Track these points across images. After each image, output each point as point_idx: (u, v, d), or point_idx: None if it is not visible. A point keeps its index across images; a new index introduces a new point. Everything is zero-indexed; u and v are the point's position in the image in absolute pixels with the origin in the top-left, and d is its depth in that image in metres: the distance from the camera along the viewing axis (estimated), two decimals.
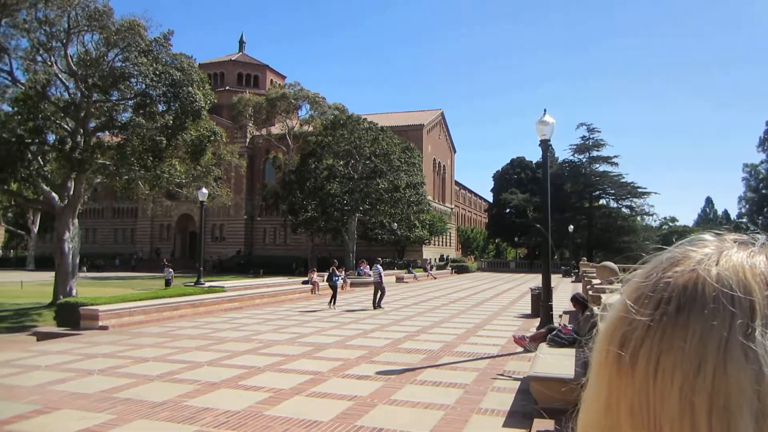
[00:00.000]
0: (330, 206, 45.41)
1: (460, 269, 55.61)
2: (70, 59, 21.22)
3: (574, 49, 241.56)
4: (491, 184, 79.25)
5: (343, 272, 32.02)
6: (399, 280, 37.97)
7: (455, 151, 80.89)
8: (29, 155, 20.37)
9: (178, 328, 14.30)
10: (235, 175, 62.10)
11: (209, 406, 6.88)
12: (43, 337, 13.67)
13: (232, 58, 76.84)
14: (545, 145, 11.63)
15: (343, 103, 57.36)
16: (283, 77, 78.40)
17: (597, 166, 65.45)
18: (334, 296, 20.03)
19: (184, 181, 24.78)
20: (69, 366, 9.43)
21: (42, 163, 21.80)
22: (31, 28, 20.40)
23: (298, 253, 61.13)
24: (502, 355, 10.50)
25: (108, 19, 20.42)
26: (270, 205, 59.68)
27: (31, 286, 33.79)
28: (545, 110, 11.59)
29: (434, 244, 65.43)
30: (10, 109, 21.72)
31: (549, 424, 5.95)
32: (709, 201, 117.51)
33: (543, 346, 8.72)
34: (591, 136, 64.62)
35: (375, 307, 19.45)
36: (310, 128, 56.54)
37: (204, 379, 8.40)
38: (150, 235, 72.35)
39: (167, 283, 26.84)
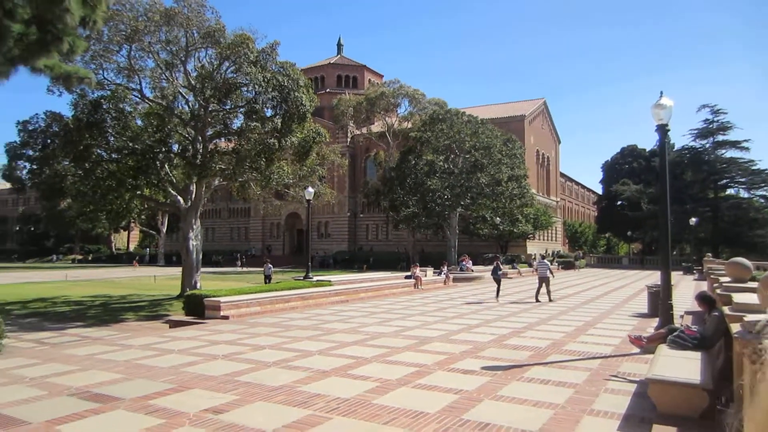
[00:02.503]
0: (431, 202, 45.51)
1: (567, 265, 53.44)
2: (188, 75, 23.12)
3: (693, 27, 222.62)
4: (600, 176, 75.47)
5: (445, 267, 32.09)
6: (502, 275, 37.21)
7: (560, 142, 77.88)
8: (158, 163, 22.42)
9: (290, 319, 15.14)
10: (338, 174, 64.06)
11: (321, 393, 7.27)
12: (174, 324, 15.08)
13: (331, 61, 79.26)
14: (663, 130, 10.93)
15: (442, 97, 57.11)
16: (381, 76, 79.72)
17: (723, 151, 59.69)
18: (498, 289, 20.80)
19: (291, 181, 26.08)
20: (197, 351, 10.35)
21: (168, 169, 23.92)
22: (156, 49, 22.46)
23: (400, 248, 61.90)
24: (615, 356, 10.06)
25: (221, 35, 21.98)
26: (372, 202, 60.91)
27: (162, 279, 37.25)
28: (662, 93, 10.91)
29: (539, 239, 63.51)
30: (140, 123, 24.02)
31: (670, 431, 5.65)
32: None
33: (663, 347, 8.22)
34: (716, 119, 58.97)
35: (548, 300, 20.16)
36: (410, 125, 56.97)
37: (315, 367, 8.87)
38: (262, 232, 76.68)
39: (267, 279, 27.89)
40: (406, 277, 27.29)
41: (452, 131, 46.40)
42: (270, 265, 29.49)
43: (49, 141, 23.04)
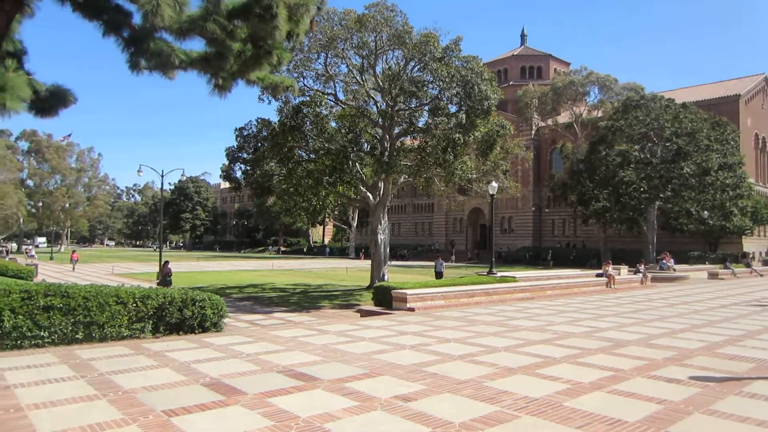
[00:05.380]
0: (624, 195, 42.07)
1: None
2: (377, 76, 24.36)
3: None
4: None
5: (642, 265, 29.41)
6: (712, 276, 32.98)
7: None
8: (350, 162, 24.03)
9: (474, 314, 15.13)
10: (522, 168, 62.47)
11: (508, 390, 7.12)
12: (365, 314, 16.05)
13: (514, 53, 77.55)
14: None
15: (638, 82, 52.37)
16: (567, 64, 75.95)
17: None
18: None
19: (474, 176, 26.05)
20: (386, 340, 10.87)
21: (359, 167, 25.51)
22: (349, 55, 24.07)
23: (589, 244, 58.39)
24: None
25: (408, 36, 22.76)
26: (558, 197, 58.36)
27: (353, 271, 40.00)
28: None
29: (759, 235, 54.91)
30: (334, 124, 25.96)
31: None
32: None
33: None
34: None
35: None
36: (600, 113, 53.47)
37: (501, 363, 8.72)
38: (445, 227, 78.00)
39: (439, 275, 26.84)
40: (597, 275, 25.57)
41: (649, 118, 42.37)
42: (441, 261, 28.32)
43: (259, 145, 26.10)
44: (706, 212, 43.23)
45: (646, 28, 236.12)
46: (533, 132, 65.58)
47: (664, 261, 33.23)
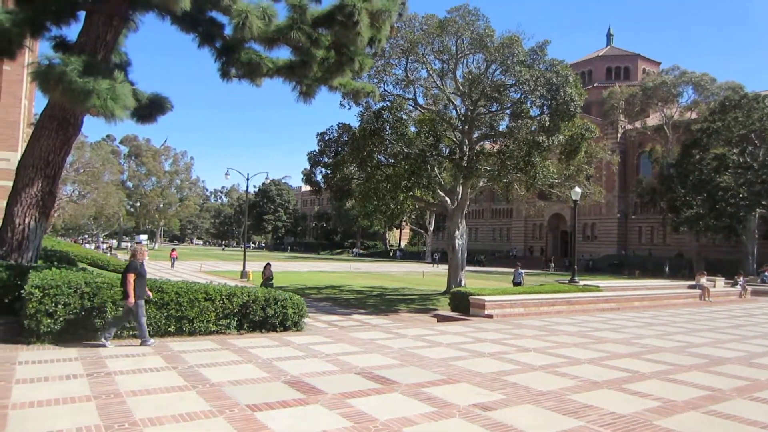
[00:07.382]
0: (721, 201, 39.30)
1: None
2: (457, 81, 24.18)
3: None
4: None
5: (741, 277, 27.34)
6: None
7: None
8: (429, 166, 23.96)
9: (555, 323, 14.64)
10: (607, 173, 59.97)
11: (592, 404, 6.83)
12: (441, 319, 15.95)
13: (600, 54, 74.80)
14: None
15: (738, 81, 48.92)
16: (657, 63, 72.26)
17: None
18: None
19: (556, 181, 25.22)
20: (463, 346, 10.74)
21: (438, 172, 25.40)
22: (429, 59, 24.06)
23: (681, 253, 54.98)
24: None
25: (490, 39, 22.43)
26: (645, 203, 55.53)
27: (430, 276, 39.91)
28: None
29: None
30: (413, 129, 26.00)
31: None
32: None
33: None
34: None
35: None
36: (694, 115, 50.39)
37: (584, 376, 8.38)
38: (524, 233, 76.18)
39: (516, 285, 24.04)
40: (690, 287, 24.03)
41: (750, 119, 39.42)
42: (521, 271, 25.19)
43: (340, 149, 26.60)
44: None
45: (745, 25, 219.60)
46: (619, 135, 62.77)
47: (766, 273, 30.74)
